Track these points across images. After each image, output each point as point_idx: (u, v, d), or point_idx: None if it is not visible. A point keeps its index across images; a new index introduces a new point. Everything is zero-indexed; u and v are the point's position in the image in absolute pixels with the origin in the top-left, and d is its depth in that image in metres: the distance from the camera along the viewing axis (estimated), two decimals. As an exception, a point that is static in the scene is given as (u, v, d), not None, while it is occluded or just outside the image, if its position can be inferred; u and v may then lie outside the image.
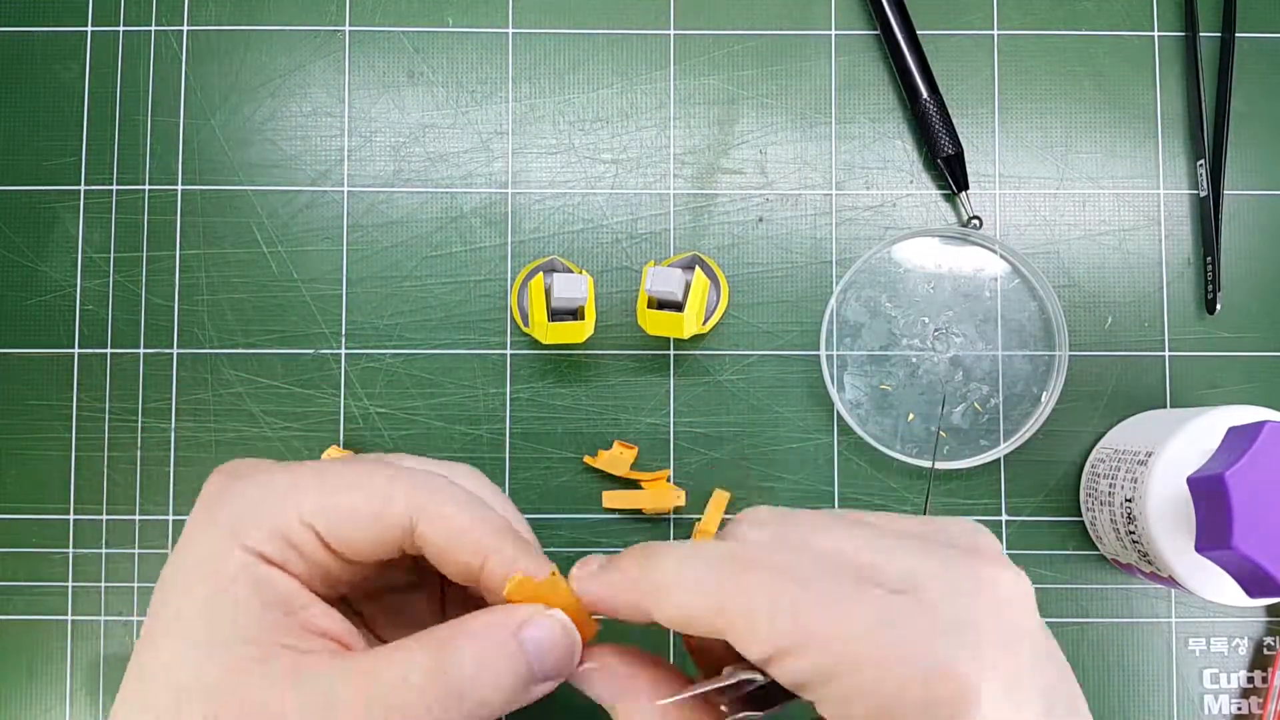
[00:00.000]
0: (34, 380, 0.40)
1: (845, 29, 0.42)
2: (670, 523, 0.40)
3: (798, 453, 0.40)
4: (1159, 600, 0.40)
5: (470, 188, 0.41)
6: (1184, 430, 0.34)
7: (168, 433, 0.40)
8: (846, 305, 0.41)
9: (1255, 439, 0.30)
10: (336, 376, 0.40)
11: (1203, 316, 0.41)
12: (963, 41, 0.42)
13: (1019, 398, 0.40)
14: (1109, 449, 0.38)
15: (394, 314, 0.40)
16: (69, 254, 0.41)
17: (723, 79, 0.41)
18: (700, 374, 0.40)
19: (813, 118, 0.41)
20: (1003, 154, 0.41)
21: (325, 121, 0.41)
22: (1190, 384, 0.40)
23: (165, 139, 0.41)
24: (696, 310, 0.37)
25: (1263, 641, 0.40)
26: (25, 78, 0.41)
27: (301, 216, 0.41)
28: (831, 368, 0.40)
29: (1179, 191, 0.41)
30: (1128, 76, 0.41)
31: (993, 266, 0.41)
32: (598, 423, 0.40)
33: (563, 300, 0.36)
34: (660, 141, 0.41)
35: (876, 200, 0.41)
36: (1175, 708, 0.40)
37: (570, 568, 0.27)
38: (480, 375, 0.40)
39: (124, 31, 0.41)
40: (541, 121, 0.41)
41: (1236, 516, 0.30)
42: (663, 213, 0.41)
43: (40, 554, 0.40)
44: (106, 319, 0.40)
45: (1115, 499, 0.36)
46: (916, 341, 0.40)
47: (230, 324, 0.40)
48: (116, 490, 0.40)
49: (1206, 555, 0.31)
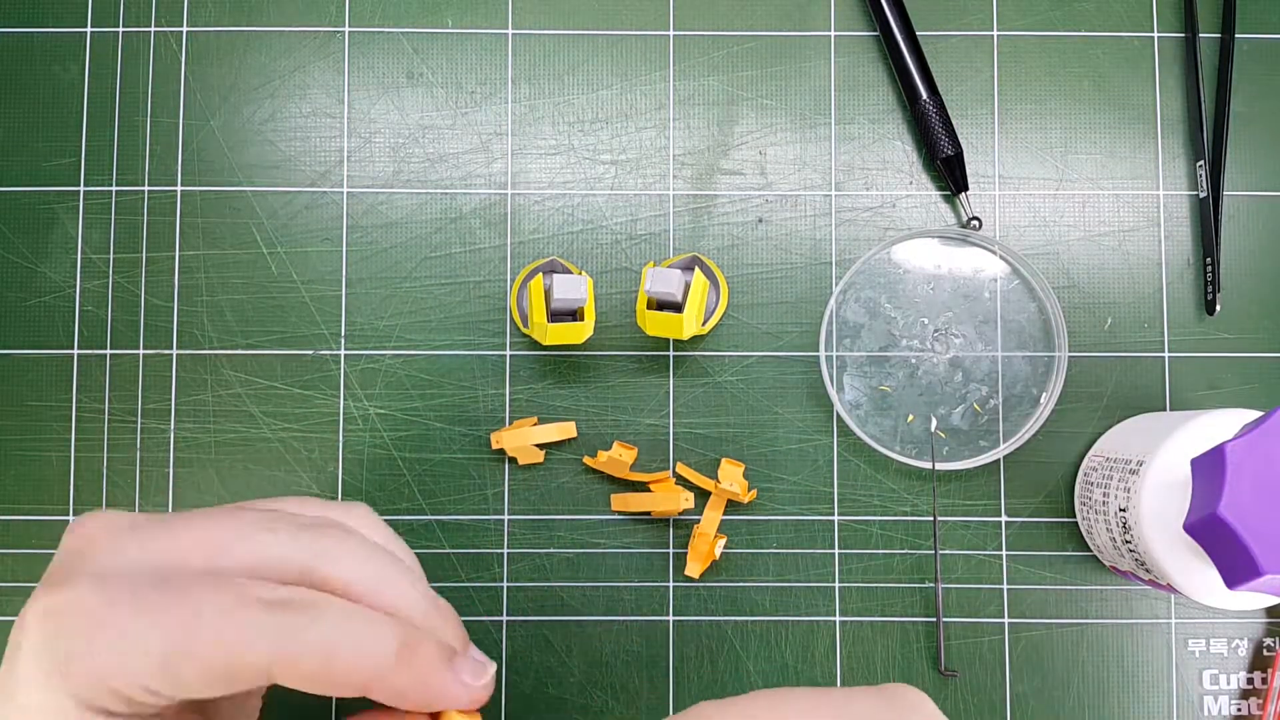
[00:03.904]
0: (33, 381, 0.40)
1: (845, 30, 0.42)
2: (671, 524, 0.40)
3: (797, 454, 0.40)
4: (1158, 601, 0.40)
5: (470, 189, 0.41)
6: (1174, 438, 0.34)
7: (167, 434, 0.40)
8: (846, 306, 0.41)
9: (1222, 465, 0.30)
10: (336, 377, 0.40)
11: (1202, 318, 0.41)
12: (962, 42, 0.41)
13: (1018, 399, 0.40)
14: (1100, 456, 0.38)
15: (393, 315, 0.40)
16: (68, 255, 0.41)
17: (722, 80, 0.41)
18: (700, 375, 0.40)
19: (812, 119, 0.41)
20: (1002, 155, 0.41)
21: (325, 122, 0.41)
22: (1190, 385, 0.40)
23: (165, 140, 0.41)
24: (696, 311, 0.37)
25: (1262, 643, 0.40)
26: (25, 78, 0.41)
27: (301, 217, 0.41)
28: (831, 369, 0.40)
29: (1179, 192, 0.41)
30: (1127, 78, 0.41)
31: (992, 267, 0.41)
32: (597, 424, 0.40)
33: (562, 301, 0.36)
34: (660, 142, 0.41)
35: (876, 201, 0.41)
36: (1175, 709, 0.40)
37: (570, 568, 0.27)
38: (480, 376, 0.40)
39: (123, 32, 0.41)
40: (541, 122, 0.41)
41: (1229, 485, 0.29)
42: (662, 214, 0.41)
43: (40, 555, 0.40)
44: (106, 320, 0.40)
45: (1109, 508, 0.36)
46: (916, 343, 0.40)
47: (230, 325, 0.40)
48: (116, 491, 0.40)
49: (1192, 533, 0.31)
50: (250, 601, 0.23)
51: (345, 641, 0.23)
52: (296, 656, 0.23)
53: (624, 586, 0.40)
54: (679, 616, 0.40)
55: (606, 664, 0.40)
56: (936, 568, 0.39)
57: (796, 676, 0.40)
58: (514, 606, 0.40)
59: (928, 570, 0.40)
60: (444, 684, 0.24)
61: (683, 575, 0.40)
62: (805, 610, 0.40)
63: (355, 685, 0.23)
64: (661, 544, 0.40)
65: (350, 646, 0.23)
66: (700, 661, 0.40)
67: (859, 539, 0.40)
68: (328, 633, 0.23)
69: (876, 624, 0.40)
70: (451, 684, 0.24)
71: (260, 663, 0.22)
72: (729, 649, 0.40)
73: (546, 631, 0.40)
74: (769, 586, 0.40)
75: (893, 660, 0.40)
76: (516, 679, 0.39)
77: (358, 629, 0.23)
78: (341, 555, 0.25)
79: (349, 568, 0.25)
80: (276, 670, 0.23)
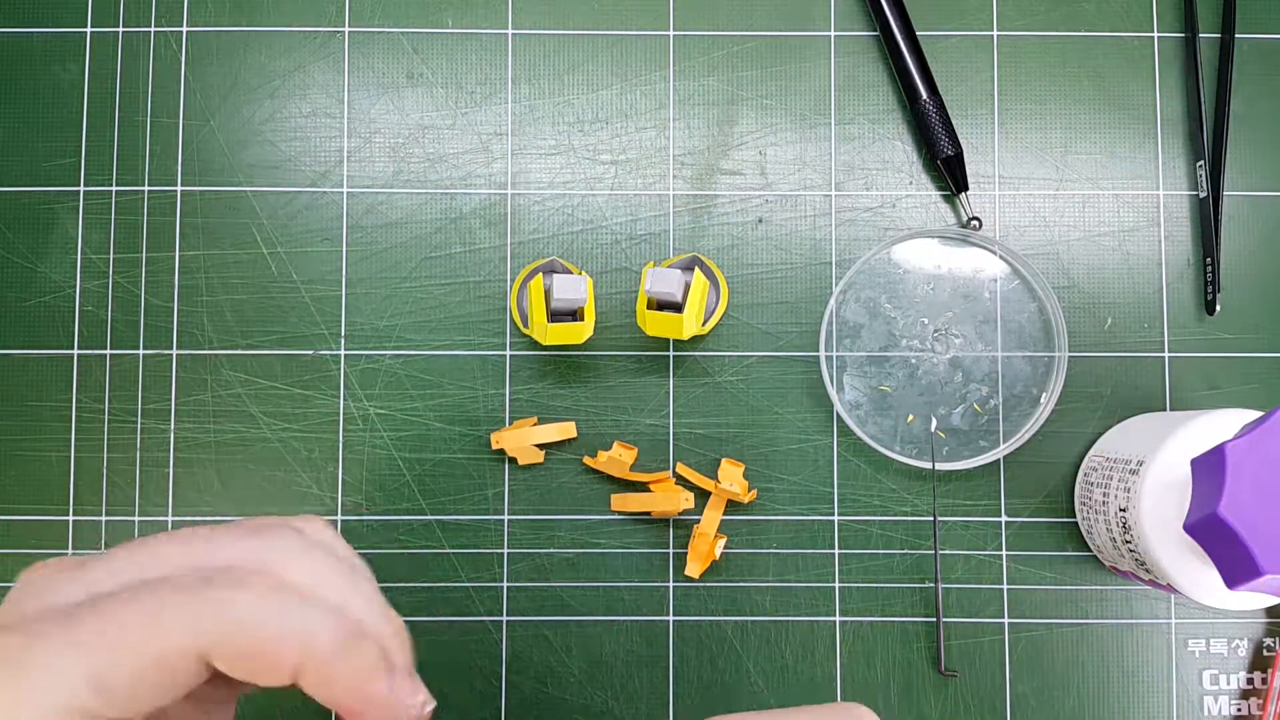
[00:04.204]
0: (33, 381, 0.40)
1: (845, 30, 0.42)
2: (671, 524, 0.40)
3: (797, 454, 0.40)
4: (1159, 602, 0.40)
5: (470, 189, 0.41)
6: (1174, 438, 0.34)
7: (167, 434, 0.40)
8: (846, 306, 0.41)
9: (1222, 465, 0.30)
10: (336, 377, 0.40)
11: (1202, 318, 0.41)
12: (962, 42, 0.41)
13: (1018, 399, 0.40)
14: (1100, 456, 0.38)
15: (393, 315, 0.40)
16: (68, 255, 0.41)
17: (722, 80, 0.41)
18: (700, 375, 0.40)
19: (812, 119, 0.41)
20: (1002, 155, 0.41)
21: (324, 122, 0.41)
22: (1190, 385, 0.40)
23: (164, 140, 0.41)
24: (696, 311, 0.37)
25: (1262, 643, 0.40)
26: (25, 78, 0.41)
27: (301, 217, 0.41)
28: (831, 369, 0.40)
29: (1179, 192, 0.41)
30: (1127, 77, 0.41)
31: (992, 267, 0.41)
32: (597, 424, 0.40)
33: (562, 301, 0.36)
34: (660, 142, 0.41)
35: (876, 201, 0.41)
36: (1175, 709, 0.40)
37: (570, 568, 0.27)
38: (480, 376, 0.40)
39: (123, 32, 0.41)
40: (541, 122, 0.41)
41: (1229, 485, 0.29)
42: (662, 214, 0.41)
43: (40, 555, 0.40)
44: (106, 320, 0.40)
45: (1109, 508, 0.36)
46: (916, 343, 0.40)
47: (229, 325, 0.40)
48: (116, 491, 0.40)
49: (1192, 533, 0.31)
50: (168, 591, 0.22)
51: (276, 616, 0.22)
52: (223, 634, 0.22)
53: (624, 586, 0.40)
54: (679, 616, 0.40)
55: (606, 664, 0.40)
56: (936, 568, 0.39)
57: (796, 676, 0.40)
58: (514, 606, 0.40)
59: (928, 570, 0.40)
60: (377, 690, 0.23)
61: (683, 575, 0.40)
62: (805, 610, 0.40)
63: (290, 666, 0.22)
64: (661, 544, 0.40)
65: (281, 620, 0.22)
66: (700, 661, 0.40)
67: (859, 539, 0.40)
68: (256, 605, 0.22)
69: (876, 624, 0.40)
70: (385, 691, 0.23)
71: (186, 646, 0.22)
72: (729, 649, 0.40)
73: (546, 631, 0.40)
74: (769, 586, 0.40)
75: (893, 660, 0.40)
76: (516, 679, 0.39)
77: (291, 605, 0.23)
78: (295, 556, 0.24)
79: (304, 568, 0.24)
80: (210, 653, 0.22)
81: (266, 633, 0.22)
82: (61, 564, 0.24)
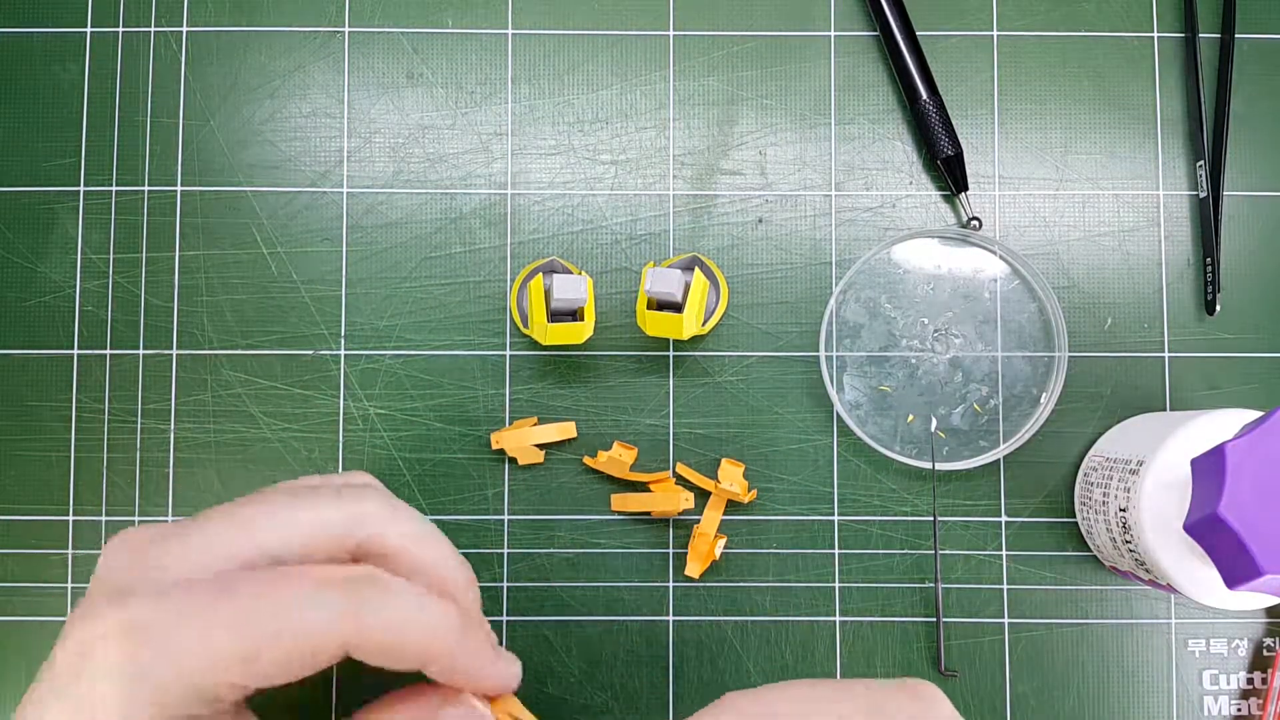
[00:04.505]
0: (33, 381, 0.40)
1: (845, 30, 0.42)
2: (671, 524, 0.40)
3: (797, 454, 0.40)
4: (1159, 602, 0.40)
5: (470, 189, 0.41)
6: (1174, 438, 0.34)
7: (167, 434, 0.40)
8: (846, 306, 0.41)
9: (1222, 465, 0.30)
10: (336, 377, 0.40)
11: (1202, 318, 0.41)
12: (962, 42, 0.41)
13: (1018, 399, 0.40)
14: (1100, 456, 0.38)
15: (393, 315, 0.40)
16: (68, 255, 0.41)
17: (722, 80, 0.41)
18: (700, 375, 0.40)
19: (812, 119, 0.41)
20: (1002, 155, 0.41)
21: (324, 122, 0.41)
22: (1190, 385, 0.40)
23: (164, 140, 0.41)
24: (696, 311, 0.37)
25: (1262, 643, 0.40)
26: (25, 78, 0.41)
27: (301, 217, 0.41)
28: (831, 369, 0.40)
29: (1178, 193, 0.41)
30: (1127, 77, 0.41)
31: (992, 268, 0.41)
32: (597, 424, 0.40)
33: (562, 301, 0.36)
34: (660, 142, 0.41)
35: (876, 201, 0.41)
36: (1175, 709, 0.40)
37: (570, 568, 0.28)
38: (480, 376, 0.40)
39: (123, 32, 0.41)
40: (541, 123, 0.41)
41: (1229, 485, 0.29)
42: (662, 214, 0.41)
43: (40, 555, 0.40)
44: (106, 320, 0.40)
45: (1109, 508, 0.36)
46: (916, 343, 0.40)
47: (229, 325, 0.40)
48: (116, 491, 0.40)
49: (1192, 533, 0.31)
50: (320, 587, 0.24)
51: (417, 618, 0.25)
52: (371, 632, 0.24)
53: (624, 586, 0.40)
54: (679, 616, 0.40)
55: (606, 664, 0.40)
56: (936, 568, 0.39)
57: (796, 676, 0.40)
58: (514, 606, 0.40)
59: (928, 570, 0.40)
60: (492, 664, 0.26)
61: (683, 575, 0.40)
62: (805, 610, 0.40)
63: (420, 659, 0.25)
64: (661, 544, 0.40)
65: (421, 623, 0.25)
66: (700, 661, 0.40)
67: (859, 539, 0.40)
68: (400, 609, 0.25)
69: (876, 624, 0.40)
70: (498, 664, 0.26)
71: (335, 642, 0.24)
72: (729, 649, 0.40)
73: (546, 631, 0.40)
74: (769, 586, 0.40)
75: (893, 660, 0.40)
76: (516, 679, 0.39)
77: (428, 605, 0.25)
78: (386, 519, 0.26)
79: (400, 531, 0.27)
80: (351, 647, 0.24)
81: (412, 636, 0.25)
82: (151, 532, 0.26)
